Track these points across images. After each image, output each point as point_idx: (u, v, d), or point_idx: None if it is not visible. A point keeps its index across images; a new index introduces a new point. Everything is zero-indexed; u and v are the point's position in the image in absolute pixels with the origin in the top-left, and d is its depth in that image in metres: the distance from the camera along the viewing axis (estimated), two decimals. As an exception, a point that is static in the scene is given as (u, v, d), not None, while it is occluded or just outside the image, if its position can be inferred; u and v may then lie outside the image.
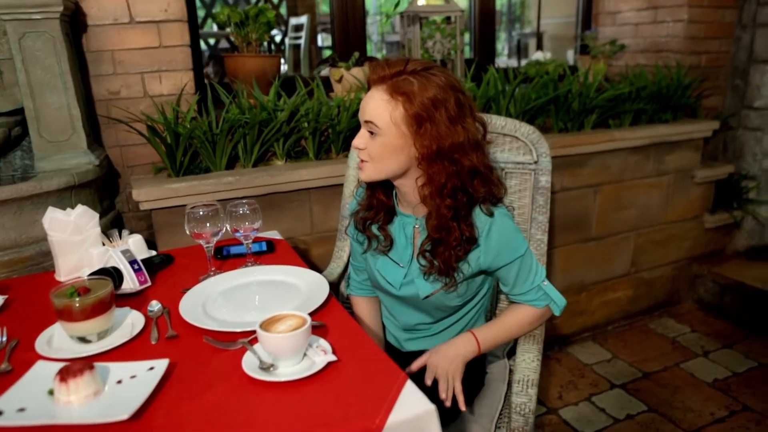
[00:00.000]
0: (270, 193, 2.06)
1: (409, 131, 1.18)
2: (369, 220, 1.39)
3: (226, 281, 1.40)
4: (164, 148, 1.95)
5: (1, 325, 1.22)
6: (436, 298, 1.32)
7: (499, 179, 1.29)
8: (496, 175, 1.28)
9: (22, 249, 1.62)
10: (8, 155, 1.86)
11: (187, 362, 1.05)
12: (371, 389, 0.93)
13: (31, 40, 1.68)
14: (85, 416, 0.88)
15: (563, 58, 3.39)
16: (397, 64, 1.19)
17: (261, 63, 2.35)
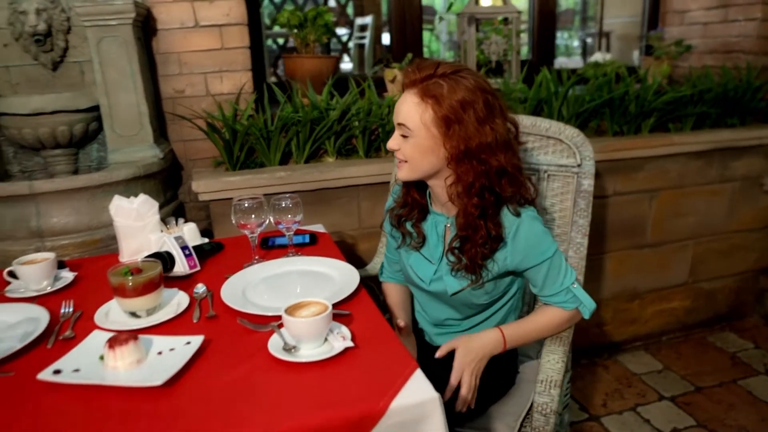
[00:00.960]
0: (320, 188, 2.15)
1: (438, 132, 1.23)
2: (403, 217, 1.45)
3: (267, 269, 1.50)
4: (222, 143, 2.08)
5: (70, 298, 1.37)
6: (464, 295, 1.36)
7: (528, 180, 1.31)
8: (526, 177, 1.30)
9: (93, 232, 1.79)
10: (86, 147, 2.05)
11: (221, 340, 1.14)
12: (382, 375, 0.99)
13: (107, 43, 1.85)
14: (127, 380, 0.99)
15: (630, 59, 3.30)
16: (428, 67, 1.24)
17: (318, 63, 2.45)
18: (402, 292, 1.60)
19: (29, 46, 1.95)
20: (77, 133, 1.97)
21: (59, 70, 2.03)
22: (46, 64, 2.00)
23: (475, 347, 1.33)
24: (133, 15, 1.80)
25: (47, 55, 1.99)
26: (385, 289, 1.63)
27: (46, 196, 1.71)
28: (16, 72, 2.02)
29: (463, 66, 1.27)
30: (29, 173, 2.07)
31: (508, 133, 1.26)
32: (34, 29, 1.88)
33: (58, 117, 1.91)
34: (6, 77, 2.01)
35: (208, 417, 0.91)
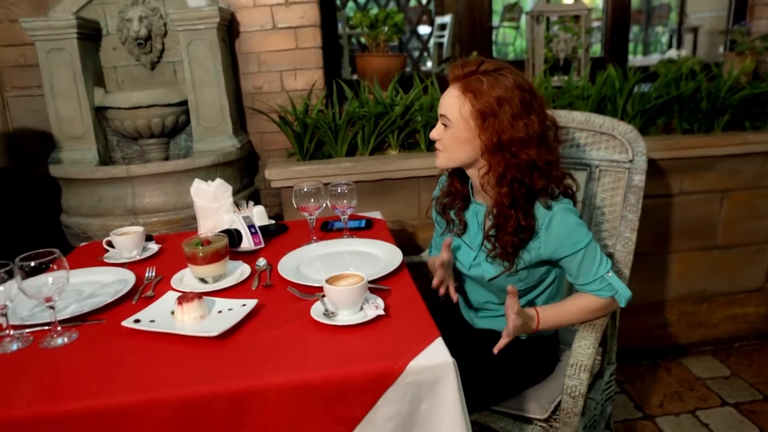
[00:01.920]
0: (383, 179, 2.28)
1: (474, 125, 1.33)
2: (447, 206, 1.55)
3: (322, 248, 1.65)
4: (294, 135, 2.26)
5: (153, 265, 1.59)
6: (500, 281, 1.44)
7: (564, 175, 1.37)
8: (564, 171, 1.37)
9: (178, 212, 2.03)
10: (176, 137, 2.31)
11: (272, 305, 1.30)
12: (406, 340, 1.10)
13: (195, 45, 2.08)
14: (191, 330, 1.17)
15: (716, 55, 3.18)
16: (472, 64, 1.33)
17: (387, 62, 2.59)
18: None
19: (132, 48, 2.22)
20: (168, 124, 2.23)
21: (156, 69, 2.30)
22: (145, 64, 2.28)
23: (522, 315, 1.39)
24: (217, 20, 2.02)
25: (146, 57, 2.26)
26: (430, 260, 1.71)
27: (140, 179, 1.96)
28: (121, 71, 2.31)
29: (505, 65, 1.36)
30: (129, 159, 2.35)
31: (546, 130, 1.33)
32: (137, 34, 2.15)
33: (152, 110, 2.17)
34: (113, 76, 2.31)
35: (252, 363, 1.06)
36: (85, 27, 2.14)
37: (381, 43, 2.61)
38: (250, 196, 2.31)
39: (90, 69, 2.19)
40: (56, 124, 2.16)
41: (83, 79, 2.12)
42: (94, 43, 2.26)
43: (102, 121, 2.25)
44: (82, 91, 2.12)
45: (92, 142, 2.17)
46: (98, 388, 1.01)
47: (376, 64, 2.56)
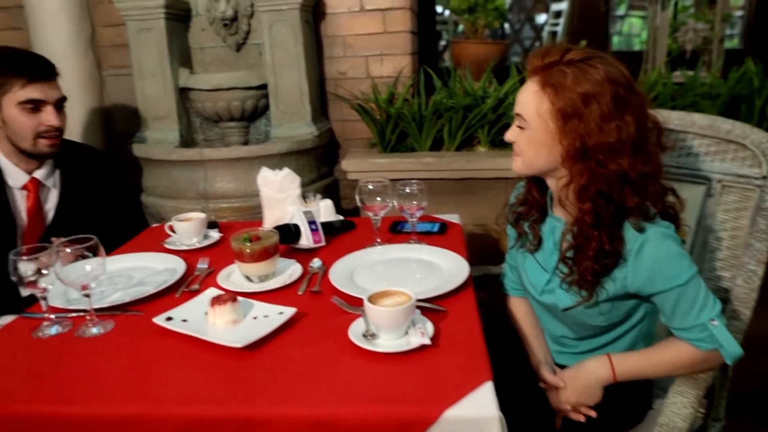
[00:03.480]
0: (468, 178, 2.09)
1: (555, 126, 1.11)
2: (521, 216, 1.35)
3: (382, 253, 1.50)
4: (376, 125, 2.13)
5: (210, 256, 1.52)
6: (577, 313, 1.22)
7: (664, 190, 1.12)
8: (661, 186, 1.12)
9: (248, 199, 1.97)
10: (256, 122, 2.26)
11: (313, 315, 1.18)
12: (449, 380, 0.93)
13: (277, 27, 2.00)
14: (218, 337, 1.07)
15: None
16: (554, 53, 1.11)
17: (484, 49, 2.38)
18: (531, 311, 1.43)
19: (219, 29, 2.19)
20: (248, 108, 2.18)
21: (241, 51, 2.26)
22: (231, 45, 2.24)
23: (581, 384, 1.20)
24: (300, 0, 1.92)
25: (233, 38, 2.22)
26: (512, 308, 1.47)
27: (213, 163, 1.92)
28: (208, 52, 2.29)
29: (598, 53, 1.12)
30: (210, 142, 2.34)
31: (645, 134, 1.09)
32: (223, 14, 2.11)
33: (232, 93, 2.13)
34: (201, 57, 2.30)
35: (271, 386, 0.94)
36: (175, 7, 2.13)
37: (480, 29, 2.40)
38: (327, 187, 2.22)
39: (176, 49, 2.19)
40: (142, 104, 2.19)
41: (169, 60, 2.12)
42: (183, 24, 2.25)
43: (185, 103, 2.25)
44: (167, 71, 2.12)
45: (175, 123, 2.18)
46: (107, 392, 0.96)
47: (472, 52, 2.35)
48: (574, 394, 1.21)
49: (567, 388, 1.22)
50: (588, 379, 1.20)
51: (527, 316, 1.45)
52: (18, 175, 1.63)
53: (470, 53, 2.35)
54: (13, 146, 1.59)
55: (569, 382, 1.22)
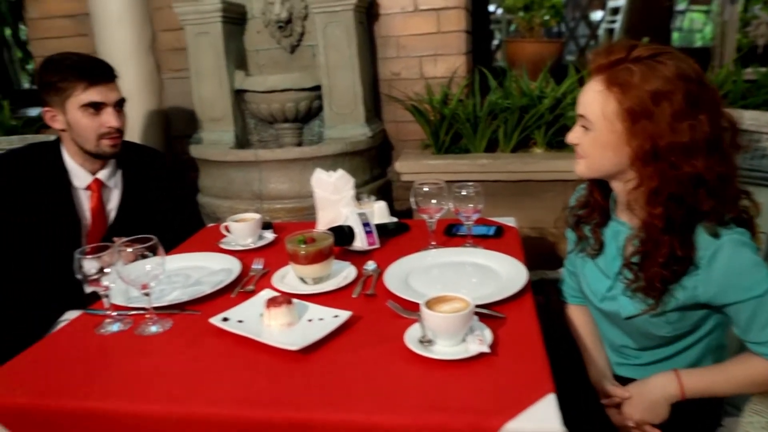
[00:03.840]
0: (524, 180, 2.04)
1: (622, 127, 1.06)
2: (582, 219, 1.29)
3: (438, 257, 1.47)
4: (430, 126, 2.10)
5: (264, 256, 1.53)
6: (641, 322, 1.16)
7: (739, 193, 1.05)
8: (736, 189, 1.05)
9: (302, 200, 1.98)
10: (310, 123, 2.27)
11: (368, 319, 1.16)
12: (509, 390, 0.89)
13: (331, 28, 2.00)
14: (273, 339, 1.06)
15: None
16: (620, 50, 1.06)
17: (539, 48, 2.31)
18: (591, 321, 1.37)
19: (274, 32, 2.22)
20: (302, 109, 2.19)
21: (296, 53, 2.27)
22: (285, 48, 2.26)
23: (647, 401, 1.14)
24: (354, 1, 1.92)
25: (287, 40, 2.24)
26: (571, 316, 1.42)
27: (267, 164, 1.94)
28: (263, 54, 2.32)
29: (665, 49, 1.06)
30: (264, 143, 2.37)
31: (720, 133, 1.02)
32: (278, 17, 2.13)
33: (286, 95, 2.14)
34: (256, 59, 2.33)
35: (329, 389, 0.93)
36: (231, 11, 2.17)
37: (535, 27, 2.34)
38: (380, 189, 2.20)
39: (233, 52, 2.22)
40: (199, 106, 2.23)
41: (225, 62, 2.15)
42: (239, 27, 2.29)
43: (241, 104, 2.28)
44: (223, 73, 2.15)
45: (230, 125, 2.21)
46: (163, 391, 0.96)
47: (528, 51, 2.29)
48: (638, 411, 1.15)
49: (631, 405, 1.16)
50: (654, 396, 1.14)
51: (587, 324, 1.39)
52: (82, 176, 1.68)
53: (525, 52, 2.29)
54: (78, 148, 1.64)
55: (633, 398, 1.16)
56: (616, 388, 1.21)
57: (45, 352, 1.13)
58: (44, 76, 1.61)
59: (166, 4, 2.34)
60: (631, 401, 1.17)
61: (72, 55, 1.64)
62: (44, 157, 1.67)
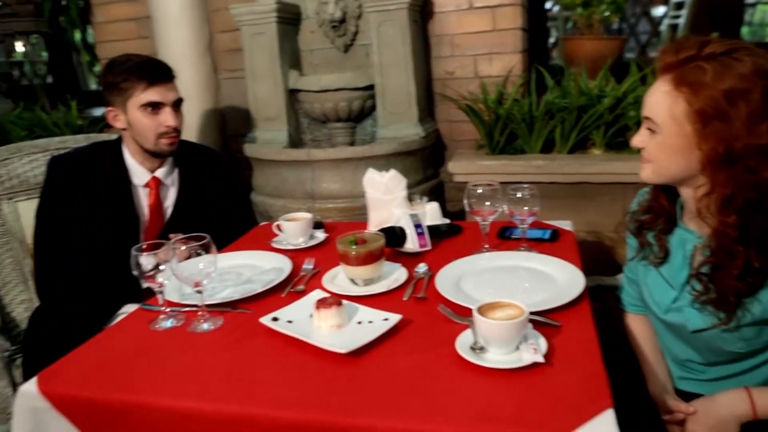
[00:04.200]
0: (580, 182, 1.97)
1: (692, 130, 1.00)
2: (645, 225, 1.22)
3: (491, 260, 1.43)
4: (484, 126, 2.06)
5: (315, 256, 1.53)
6: (710, 337, 1.09)
7: None
8: None
9: (354, 200, 1.97)
10: (362, 122, 2.27)
11: (418, 323, 1.13)
12: (565, 404, 0.85)
13: (385, 27, 1.99)
14: (322, 341, 1.05)
15: None
16: (690, 47, 1.00)
17: (598, 46, 2.23)
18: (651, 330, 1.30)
19: (328, 31, 2.22)
20: (355, 108, 2.18)
21: (349, 52, 2.27)
22: (339, 47, 2.26)
23: (714, 417, 1.07)
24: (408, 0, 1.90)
25: (340, 39, 2.24)
26: (630, 326, 1.35)
27: (320, 164, 1.95)
28: (317, 54, 2.33)
29: (741, 44, 0.99)
30: (317, 142, 2.38)
31: None
32: (332, 16, 2.14)
33: (339, 94, 2.14)
34: (310, 59, 2.34)
35: (377, 394, 0.92)
36: (285, 11, 2.19)
37: (595, 24, 2.25)
38: (432, 189, 2.17)
39: (287, 52, 2.24)
40: (254, 105, 2.26)
41: (280, 62, 2.17)
42: (294, 27, 2.31)
43: (294, 104, 2.30)
44: (278, 73, 2.18)
45: (284, 124, 2.23)
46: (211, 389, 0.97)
47: (587, 48, 2.21)
48: (704, 429, 1.08)
49: (696, 422, 1.09)
50: (722, 414, 1.07)
51: (647, 335, 1.32)
52: (141, 174, 1.72)
53: (584, 50, 2.21)
54: (138, 146, 1.69)
55: (699, 415, 1.09)
56: (679, 403, 1.14)
57: (102, 346, 1.16)
58: (107, 77, 1.66)
59: (223, 5, 2.38)
60: (696, 418, 1.10)
61: (134, 56, 1.68)
62: (106, 155, 1.72)
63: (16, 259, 1.86)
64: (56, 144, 1.97)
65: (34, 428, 1.03)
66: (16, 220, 1.87)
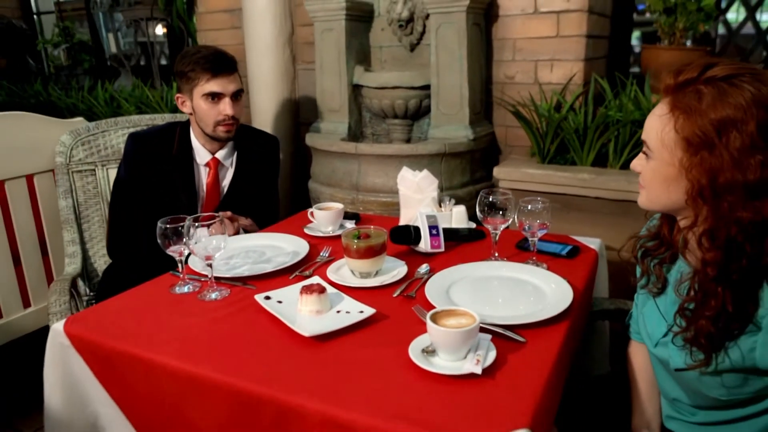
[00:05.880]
0: (626, 200, 1.90)
1: (682, 158, 0.95)
2: (649, 252, 1.18)
3: (493, 269, 1.44)
4: (535, 134, 2.03)
5: (335, 245, 1.63)
6: (690, 378, 1.04)
7: None
8: None
9: (395, 195, 2.03)
10: (420, 120, 2.32)
11: (392, 320, 1.20)
12: (484, 416, 0.88)
13: (444, 29, 2.02)
14: (294, 322, 1.15)
15: None
16: (693, 69, 0.95)
17: (678, 56, 2.10)
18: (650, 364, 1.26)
19: (396, 30, 2.29)
20: (411, 107, 2.24)
21: (415, 51, 2.33)
22: (406, 46, 2.32)
23: None
24: (467, 3, 1.91)
25: (407, 38, 2.30)
26: (631, 354, 1.31)
27: (366, 158, 2.03)
28: (385, 51, 2.41)
29: (748, 68, 0.92)
30: (376, 136, 2.47)
31: None
32: (399, 16, 2.20)
33: (397, 92, 2.21)
34: (378, 55, 2.43)
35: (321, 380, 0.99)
36: (356, 9, 2.28)
37: (678, 33, 2.11)
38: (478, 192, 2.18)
39: (354, 48, 2.34)
40: (321, 96, 2.39)
41: (346, 57, 2.28)
42: (365, 24, 2.40)
43: (357, 98, 2.40)
44: (343, 68, 2.28)
45: (345, 116, 2.34)
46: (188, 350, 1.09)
47: (663, 59, 2.09)
48: None
49: None
50: None
51: (644, 368, 1.28)
52: (203, 154, 1.91)
53: (660, 60, 2.08)
54: (200, 130, 1.87)
55: None
56: None
57: (125, 300, 1.34)
58: (179, 66, 1.85)
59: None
60: None
61: (202, 48, 1.85)
62: (176, 135, 1.92)
63: (102, 217, 2.15)
64: (146, 121, 2.24)
65: (60, 362, 1.23)
66: (106, 184, 2.15)
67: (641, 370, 1.28)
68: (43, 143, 2.18)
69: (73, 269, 2.03)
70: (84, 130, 2.13)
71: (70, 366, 1.22)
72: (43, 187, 2.21)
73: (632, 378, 1.29)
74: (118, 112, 3.06)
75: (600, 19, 2.09)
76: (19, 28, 4.54)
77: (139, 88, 3.23)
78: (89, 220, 2.17)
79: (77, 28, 4.44)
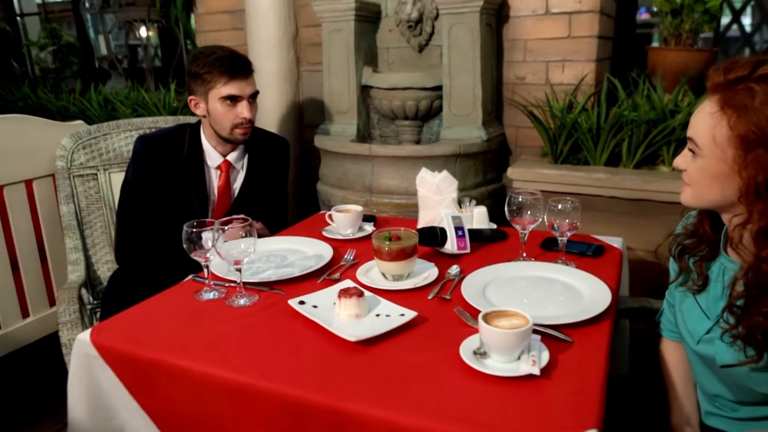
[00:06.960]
0: (642, 199, 1.91)
1: (734, 155, 0.95)
2: (687, 249, 1.18)
3: (524, 269, 1.43)
4: (547, 134, 2.03)
5: (359, 249, 1.60)
6: (738, 374, 1.04)
7: None
8: None
9: (409, 197, 2.02)
10: (430, 122, 2.30)
11: (434, 322, 1.18)
12: (550, 418, 0.87)
13: (456, 29, 2.01)
14: (337, 327, 1.12)
15: None
16: (742, 67, 0.95)
17: (683, 58, 2.12)
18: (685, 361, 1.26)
19: (404, 30, 2.28)
20: (422, 108, 2.23)
21: (424, 52, 2.31)
22: (414, 47, 2.31)
23: None
24: (480, 3, 1.91)
25: (416, 39, 2.29)
26: (664, 352, 1.31)
27: (379, 159, 2.01)
28: (393, 52, 2.39)
29: None
30: (385, 138, 2.45)
31: None
32: (408, 16, 2.19)
33: (407, 93, 2.19)
34: (386, 56, 2.41)
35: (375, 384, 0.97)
36: (364, 10, 2.26)
37: (684, 34, 2.13)
38: (492, 193, 2.18)
39: (363, 49, 2.32)
40: (328, 98, 2.37)
41: (354, 58, 2.26)
42: (372, 25, 2.38)
43: (366, 99, 2.38)
44: (352, 69, 2.26)
45: (354, 118, 2.32)
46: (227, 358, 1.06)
47: (669, 60, 2.11)
48: None
49: None
50: None
51: (679, 364, 1.28)
52: (215, 157, 1.87)
53: (666, 61, 2.10)
54: (214, 132, 1.83)
55: None
56: None
57: (150, 308, 1.30)
58: (192, 67, 1.80)
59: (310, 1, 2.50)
60: None
61: (217, 49, 1.81)
62: (186, 137, 1.88)
63: (105, 223, 2.09)
64: (149, 123, 2.18)
65: (86, 373, 1.18)
66: (108, 189, 2.09)
67: (676, 367, 1.28)
68: (42, 147, 2.11)
69: (77, 277, 1.97)
70: (85, 133, 2.07)
71: (97, 376, 1.17)
72: (43, 192, 2.14)
73: (667, 375, 1.29)
74: (113, 115, 2.99)
75: (608, 21, 2.10)
76: (2, 29, 4.43)
77: (135, 90, 3.16)
78: (92, 226, 2.11)
79: (64, 30, 4.34)
